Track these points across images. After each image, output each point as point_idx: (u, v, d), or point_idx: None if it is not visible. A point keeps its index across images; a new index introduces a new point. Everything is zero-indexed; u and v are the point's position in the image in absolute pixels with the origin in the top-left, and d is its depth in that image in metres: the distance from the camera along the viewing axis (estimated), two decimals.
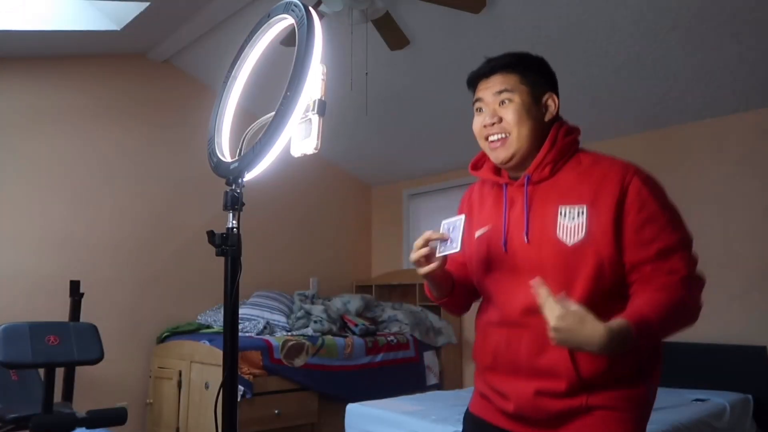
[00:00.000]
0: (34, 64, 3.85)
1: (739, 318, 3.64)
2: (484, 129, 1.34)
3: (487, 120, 1.33)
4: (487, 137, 1.34)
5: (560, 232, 1.24)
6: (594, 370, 1.20)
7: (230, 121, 1.37)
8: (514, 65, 1.33)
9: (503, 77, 1.33)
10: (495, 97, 1.32)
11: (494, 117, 1.32)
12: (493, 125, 1.32)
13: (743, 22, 2.99)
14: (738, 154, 3.76)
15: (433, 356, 4.62)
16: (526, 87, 1.32)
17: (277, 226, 5.02)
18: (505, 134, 1.31)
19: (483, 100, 1.35)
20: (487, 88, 1.34)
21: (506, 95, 1.31)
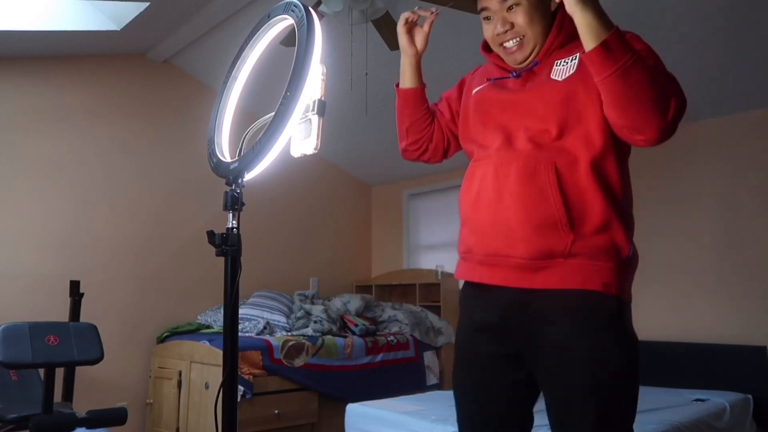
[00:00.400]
0: (34, 64, 3.85)
1: (739, 318, 3.65)
2: (497, 37, 1.37)
3: (499, 29, 1.35)
4: (502, 44, 1.37)
5: (553, 74, 1.32)
6: (578, 196, 1.25)
7: (230, 121, 1.37)
8: None
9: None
10: (502, 4, 1.35)
11: (505, 24, 1.35)
12: (506, 32, 1.35)
13: (744, 21, 2.99)
14: (738, 154, 3.76)
15: (433, 356, 4.62)
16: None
17: (277, 226, 5.02)
18: (520, 37, 1.35)
19: (489, 9, 1.37)
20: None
21: (512, 0, 1.33)
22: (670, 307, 3.87)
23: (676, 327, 3.85)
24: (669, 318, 3.86)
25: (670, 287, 3.88)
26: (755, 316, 3.59)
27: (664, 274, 3.87)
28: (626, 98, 1.16)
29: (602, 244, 1.25)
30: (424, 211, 5.54)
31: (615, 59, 1.14)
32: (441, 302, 4.95)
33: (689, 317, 3.83)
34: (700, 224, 3.79)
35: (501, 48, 1.38)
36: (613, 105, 1.19)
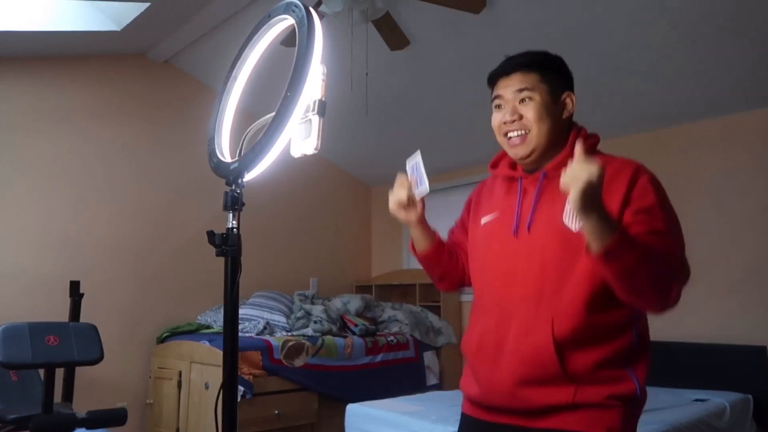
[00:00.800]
0: (35, 64, 3.85)
1: (739, 318, 3.64)
2: (504, 125, 1.38)
3: (507, 117, 1.36)
4: (506, 134, 1.38)
5: (566, 218, 1.27)
6: (578, 357, 1.22)
7: (230, 122, 1.37)
8: (533, 64, 1.37)
9: (523, 76, 1.36)
10: (515, 95, 1.36)
11: (514, 114, 1.35)
12: (513, 122, 1.35)
13: (744, 21, 2.99)
14: (739, 154, 3.76)
15: (433, 356, 4.62)
16: (546, 86, 1.36)
17: (277, 226, 5.02)
18: (525, 131, 1.35)
19: (503, 97, 1.38)
20: (507, 86, 1.37)
21: (526, 93, 1.35)
22: None
23: (675, 327, 3.84)
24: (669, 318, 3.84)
25: None
26: (755, 316, 3.59)
27: None
28: (629, 290, 1.16)
29: (608, 392, 1.23)
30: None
31: (619, 263, 1.11)
32: (441, 302, 4.95)
33: (689, 317, 3.83)
34: (699, 224, 3.79)
35: (505, 139, 1.38)
36: (616, 289, 1.18)
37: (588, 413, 1.23)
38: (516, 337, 1.28)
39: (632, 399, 1.25)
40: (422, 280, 5.11)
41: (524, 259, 1.30)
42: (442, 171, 5.27)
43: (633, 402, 1.25)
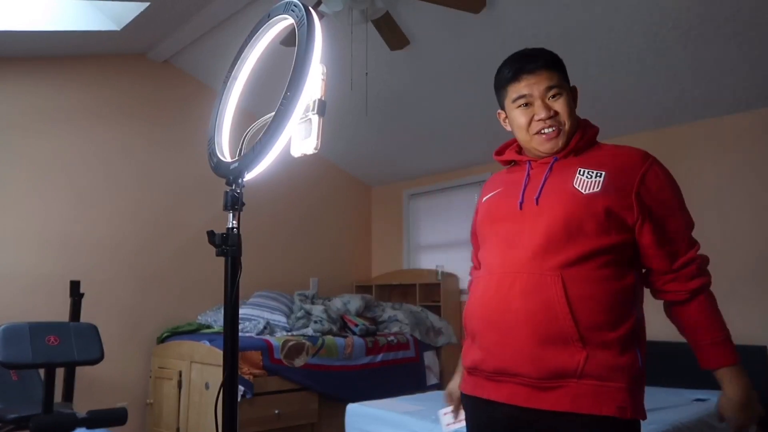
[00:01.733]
0: (34, 64, 3.85)
1: (739, 318, 3.64)
2: (537, 123, 1.39)
3: (543, 114, 1.38)
4: (540, 131, 1.39)
5: (576, 183, 1.32)
6: (588, 314, 1.24)
7: (230, 121, 1.37)
8: (554, 63, 1.42)
9: (549, 74, 1.40)
10: (544, 92, 1.39)
11: (550, 110, 1.38)
12: (549, 119, 1.38)
13: (744, 21, 2.99)
14: (738, 154, 3.76)
15: (434, 356, 4.62)
16: (566, 83, 1.43)
17: (277, 226, 5.03)
18: (560, 126, 1.39)
19: (531, 95, 1.40)
20: (535, 84, 1.39)
21: (556, 90, 1.39)
22: None
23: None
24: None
25: None
26: (755, 315, 3.59)
27: None
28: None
29: (615, 362, 1.22)
30: (424, 211, 5.54)
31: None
32: (441, 302, 4.95)
33: None
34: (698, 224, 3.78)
35: (537, 136, 1.40)
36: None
37: (595, 386, 1.21)
38: (522, 294, 1.27)
39: (637, 376, 1.26)
40: (422, 280, 5.11)
41: (530, 223, 1.33)
42: (442, 171, 5.27)
43: (637, 380, 1.26)
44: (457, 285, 5.10)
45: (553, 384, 1.23)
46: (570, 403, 1.21)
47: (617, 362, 1.22)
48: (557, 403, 1.22)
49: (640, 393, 1.27)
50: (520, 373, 1.26)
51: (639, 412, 1.25)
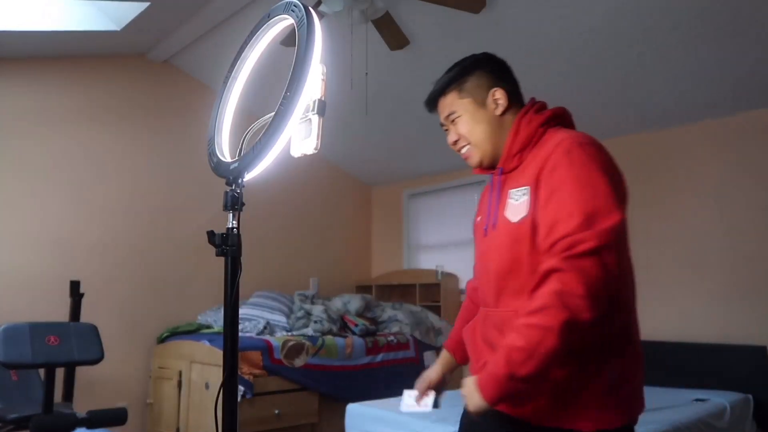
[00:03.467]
0: (34, 64, 3.85)
1: (739, 318, 3.64)
2: (453, 146, 1.48)
3: (450, 139, 1.47)
4: (459, 150, 1.47)
5: (507, 212, 1.30)
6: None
7: (230, 122, 1.37)
8: (446, 86, 1.46)
9: (443, 101, 1.47)
10: (447, 119, 1.46)
11: (454, 135, 1.45)
12: (456, 142, 1.45)
13: (744, 22, 2.99)
14: (738, 155, 3.76)
15: (434, 356, 4.62)
16: (466, 98, 1.43)
17: (277, 226, 5.02)
18: (467, 144, 1.43)
19: (442, 122, 1.50)
20: (440, 114, 1.49)
21: (453, 115, 1.44)
22: (670, 307, 3.87)
23: (676, 327, 3.85)
24: (669, 318, 3.86)
25: (670, 287, 3.88)
26: (755, 315, 3.59)
27: (664, 275, 3.87)
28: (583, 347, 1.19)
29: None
30: (424, 211, 5.54)
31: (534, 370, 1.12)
32: (441, 302, 4.95)
33: (689, 317, 3.83)
34: (699, 225, 3.79)
35: (461, 154, 1.47)
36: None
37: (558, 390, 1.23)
38: (496, 333, 1.30)
39: (608, 375, 1.21)
40: (422, 280, 5.11)
41: (492, 256, 1.34)
42: (442, 171, 5.27)
43: (610, 378, 1.22)
44: (457, 285, 5.10)
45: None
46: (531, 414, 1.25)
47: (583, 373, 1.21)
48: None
49: (612, 391, 1.22)
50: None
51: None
